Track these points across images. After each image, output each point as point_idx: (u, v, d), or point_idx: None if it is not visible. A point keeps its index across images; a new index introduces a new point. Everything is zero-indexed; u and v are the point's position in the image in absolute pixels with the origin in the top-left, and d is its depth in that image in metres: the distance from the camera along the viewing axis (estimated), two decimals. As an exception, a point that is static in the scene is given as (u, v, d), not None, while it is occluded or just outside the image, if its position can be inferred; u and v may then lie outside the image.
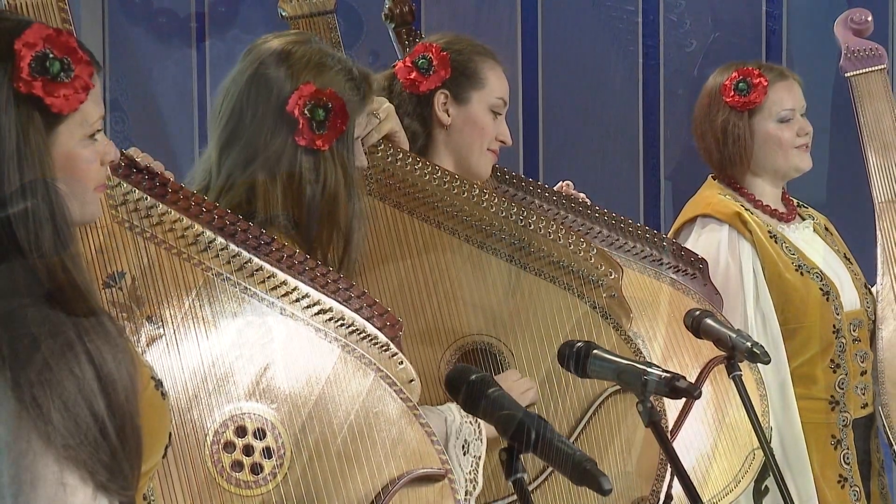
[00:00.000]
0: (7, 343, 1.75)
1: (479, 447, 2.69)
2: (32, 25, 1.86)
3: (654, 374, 2.49)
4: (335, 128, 2.56)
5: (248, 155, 2.57)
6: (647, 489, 2.92)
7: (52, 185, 1.85)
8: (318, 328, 2.35)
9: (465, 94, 3.14)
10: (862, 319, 3.72)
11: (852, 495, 3.65)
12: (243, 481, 2.26)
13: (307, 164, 2.56)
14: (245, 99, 2.59)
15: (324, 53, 2.62)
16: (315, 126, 2.55)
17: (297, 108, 2.54)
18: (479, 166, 3.15)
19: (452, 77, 3.12)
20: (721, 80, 3.73)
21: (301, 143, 2.55)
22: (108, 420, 1.78)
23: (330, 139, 2.56)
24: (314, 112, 2.55)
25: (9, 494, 1.75)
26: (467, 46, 3.17)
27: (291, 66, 2.58)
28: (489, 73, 3.16)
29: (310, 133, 2.54)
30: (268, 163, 2.56)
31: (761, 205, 3.73)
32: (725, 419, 3.26)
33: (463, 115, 3.14)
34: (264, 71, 2.59)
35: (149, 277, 2.28)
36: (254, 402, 2.29)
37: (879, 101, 3.86)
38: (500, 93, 3.16)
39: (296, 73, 2.57)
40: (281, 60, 2.59)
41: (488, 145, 3.15)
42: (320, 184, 2.57)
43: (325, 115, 2.55)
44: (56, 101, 1.85)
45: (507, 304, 2.91)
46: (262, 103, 2.58)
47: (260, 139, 2.57)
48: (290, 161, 2.56)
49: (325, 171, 2.57)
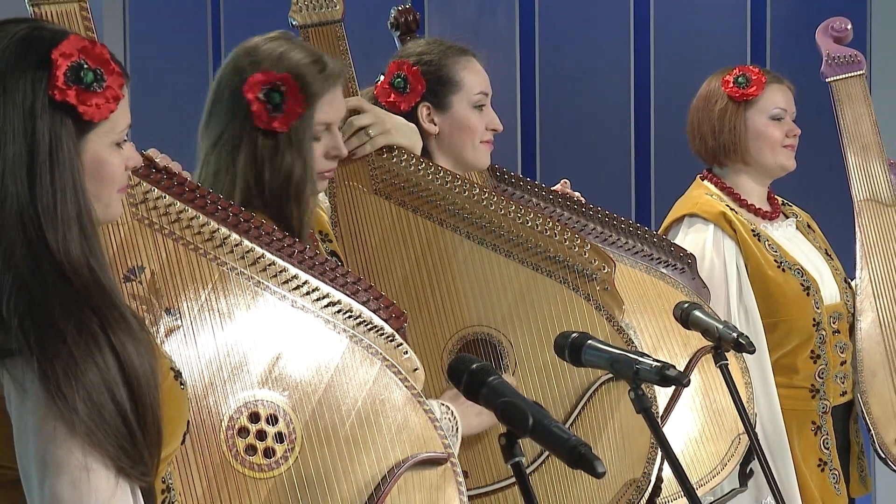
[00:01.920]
0: (35, 336, 1.75)
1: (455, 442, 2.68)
2: (69, 37, 1.86)
3: (645, 363, 2.49)
4: (291, 110, 2.56)
5: (215, 139, 2.59)
6: (639, 471, 2.92)
7: (81, 187, 1.85)
8: (328, 320, 2.35)
9: (445, 100, 3.12)
10: (842, 312, 3.72)
11: (831, 478, 3.65)
12: (256, 464, 2.26)
13: (265, 146, 2.57)
14: (217, 90, 2.62)
15: (293, 46, 2.62)
16: (271, 109, 2.55)
17: (251, 91, 2.55)
18: (476, 160, 3.15)
19: (429, 88, 3.10)
20: (722, 76, 3.74)
21: (259, 125, 2.56)
22: (129, 409, 1.78)
23: (287, 122, 2.56)
24: (270, 96, 2.55)
25: (36, 477, 1.76)
26: (436, 54, 3.13)
27: (256, 57, 2.60)
28: (463, 74, 3.13)
29: (266, 116, 2.55)
30: (227, 144, 2.57)
31: (746, 203, 3.74)
32: (712, 406, 3.26)
33: (448, 120, 3.13)
34: (235, 63, 2.61)
35: (167, 272, 2.28)
36: (266, 389, 2.29)
37: (858, 105, 3.86)
38: (478, 88, 3.14)
39: (258, 61, 2.59)
40: (248, 53, 2.61)
41: (480, 139, 3.14)
42: (277, 164, 2.57)
43: (280, 99, 2.55)
44: (88, 109, 1.85)
45: (505, 297, 2.91)
46: (226, 91, 2.59)
47: (223, 123, 2.59)
48: (251, 143, 2.57)
49: (282, 153, 2.57)
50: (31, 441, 1.76)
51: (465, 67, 3.14)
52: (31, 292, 1.78)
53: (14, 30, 1.87)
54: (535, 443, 2.01)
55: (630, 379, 2.50)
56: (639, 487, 2.92)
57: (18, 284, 1.78)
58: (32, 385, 1.75)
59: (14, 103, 1.82)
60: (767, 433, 3.51)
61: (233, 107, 2.58)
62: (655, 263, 3.34)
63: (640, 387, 2.50)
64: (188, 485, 2.22)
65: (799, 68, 4.24)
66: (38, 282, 1.79)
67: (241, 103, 2.57)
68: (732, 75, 3.73)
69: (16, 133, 1.81)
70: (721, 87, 3.74)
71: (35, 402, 1.75)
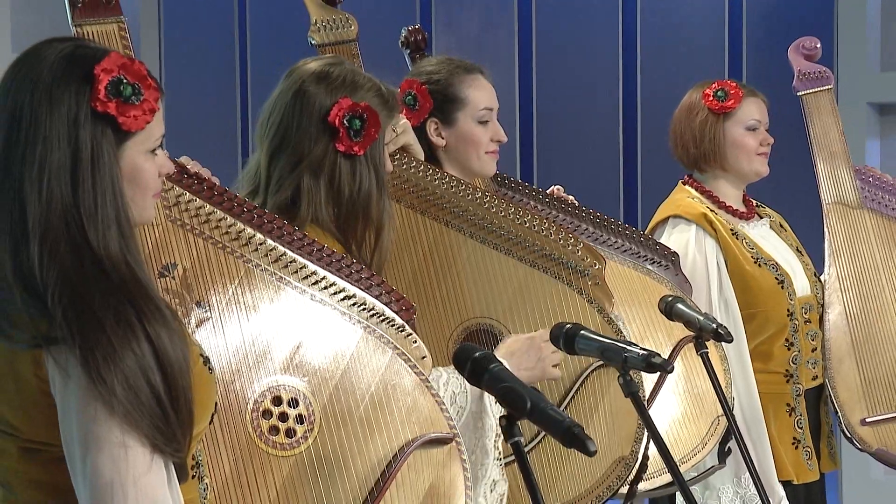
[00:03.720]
0: (77, 326, 1.75)
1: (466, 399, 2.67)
2: (110, 54, 1.86)
3: (632, 351, 2.49)
4: (369, 136, 2.56)
5: (295, 160, 2.58)
6: (627, 450, 2.92)
7: (120, 190, 1.85)
8: (344, 312, 2.35)
9: (452, 116, 3.10)
10: (812, 304, 3.71)
11: (804, 455, 3.65)
12: (279, 443, 2.26)
13: (346, 168, 2.57)
14: (290, 113, 2.59)
15: (356, 73, 2.63)
16: (352, 134, 2.55)
17: (337, 118, 2.55)
18: (482, 169, 3.13)
19: (436, 105, 3.09)
20: (703, 89, 3.74)
21: (340, 149, 2.56)
22: (163, 392, 1.78)
23: (365, 146, 2.57)
24: (351, 122, 2.55)
25: (79, 454, 1.76)
26: (444, 73, 3.11)
27: (330, 84, 2.58)
28: (468, 91, 3.10)
29: (348, 140, 2.55)
30: (311, 166, 2.56)
31: (725, 205, 3.73)
32: (694, 390, 3.26)
33: (454, 134, 3.11)
34: (306, 88, 2.58)
35: (197, 268, 2.28)
36: (288, 375, 2.29)
37: (827, 117, 3.86)
38: (483, 104, 3.12)
39: (334, 89, 2.58)
40: (320, 79, 2.59)
41: (485, 149, 3.12)
42: (357, 184, 2.58)
43: (360, 125, 2.55)
44: (127, 120, 1.85)
45: (506, 291, 2.91)
46: (305, 116, 2.57)
47: (304, 146, 2.57)
48: (331, 165, 2.57)
49: (360, 174, 2.58)
50: (73, 421, 1.76)
51: (471, 85, 3.12)
52: (73, 286, 1.78)
53: (60, 47, 1.87)
54: (532, 424, 2.01)
55: (619, 366, 2.50)
56: (627, 464, 2.91)
57: (62, 278, 1.78)
58: (75, 370, 1.75)
59: (59, 113, 1.82)
60: (745, 414, 3.51)
61: (315, 132, 2.57)
62: (642, 260, 3.33)
63: (628, 373, 2.50)
64: (216, 461, 2.22)
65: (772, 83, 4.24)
66: (80, 276, 1.79)
67: (323, 128, 2.56)
68: (712, 89, 3.72)
69: (61, 140, 1.81)
70: (702, 99, 3.73)
71: (77, 386, 1.75)
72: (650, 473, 3.00)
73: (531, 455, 2.86)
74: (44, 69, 1.84)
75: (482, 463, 2.63)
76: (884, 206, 3.81)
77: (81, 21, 2.21)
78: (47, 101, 1.82)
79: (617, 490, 2.92)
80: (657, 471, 3.05)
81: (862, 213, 3.81)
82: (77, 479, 1.76)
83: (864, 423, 3.69)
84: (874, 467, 5.23)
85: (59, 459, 1.79)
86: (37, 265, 1.79)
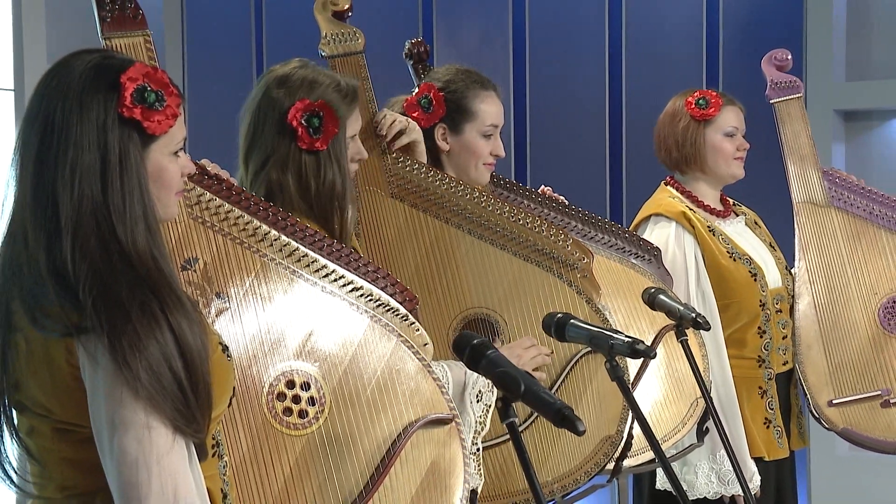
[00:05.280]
0: (105, 316, 1.75)
1: (490, 397, 2.68)
2: (135, 64, 1.86)
3: (618, 339, 2.49)
4: (328, 131, 2.55)
5: (263, 159, 2.57)
6: (613, 429, 2.91)
7: (146, 190, 1.85)
8: (352, 302, 2.34)
9: (460, 126, 3.09)
10: (783, 295, 3.71)
11: (775, 433, 3.64)
12: (292, 423, 2.25)
13: (310, 163, 2.56)
14: (257, 117, 2.59)
15: (317, 72, 2.61)
16: (312, 132, 2.54)
17: (294, 119, 2.54)
18: (477, 178, 3.11)
19: (448, 113, 3.07)
20: (685, 97, 3.73)
21: (303, 146, 2.55)
22: (184, 377, 1.77)
23: (326, 141, 2.55)
24: (310, 121, 2.54)
25: (106, 434, 1.76)
26: (461, 84, 3.10)
27: (289, 87, 2.58)
28: (479, 106, 3.09)
29: (308, 138, 2.54)
30: (277, 164, 2.56)
31: (703, 204, 3.73)
32: (674, 374, 3.25)
33: (459, 143, 3.10)
34: (269, 93, 2.58)
35: (217, 262, 2.27)
36: (301, 361, 2.28)
37: (797, 123, 3.85)
38: (490, 120, 3.10)
39: (292, 91, 2.57)
40: (281, 83, 2.58)
41: (483, 161, 3.11)
42: (321, 177, 2.56)
43: (318, 123, 2.54)
44: (151, 124, 1.84)
45: (501, 284, 2.90)
46: (269, 118, 2.57)
47: (269, 146, 2.56)
48: (296, 162, 2.56)
49: (324, 167, 2.56)
50: (102, 404, 1.75)
51: (484, 101, 3.10)
52: (102, 279, 1.77)
53: (88, 58, 1.87)
54: (526, 406, 2.00)
55: (606, 352, 2.50)
56: (613, 443, 2.91)
57: (92, 272, 1.78)
58: (103, 357, 1.74)
59: (89, 119, 1.81)
60: (721, 397, 3.50)
61: (276, 132, 2.56)
62: (627, 255, 3.32)
63: (614, 359, 2.50)
64: (234, 440, 2.21)
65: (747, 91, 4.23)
66: (109, 269, 1.78)
67: (284, 129, 2.55)
68: (694, 97, 3.72)
69: (90, 144, 1.81)
70: (684, 107, 3.72)
71: (105, 372, 1.74)
72: (634, 451, 3.00)
73: (525, 434, 2.86)
74: (74, 78, 1.83)
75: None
76: (849, 204, 3.80)
77: (110, 34, 2.20)
78: (78, 107, 1.81)
79: (604, 466, 2.92)
80: (641, 448, 3.05)
81: (829, 212, 3.80)
82: (105, 458, 1.76)
83: (830, 405, 3.69)
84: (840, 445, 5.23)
85: (89, 439, 1.78)
86: (69, 260, 1.78)
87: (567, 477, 2.89)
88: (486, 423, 2.67)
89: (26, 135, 1.85)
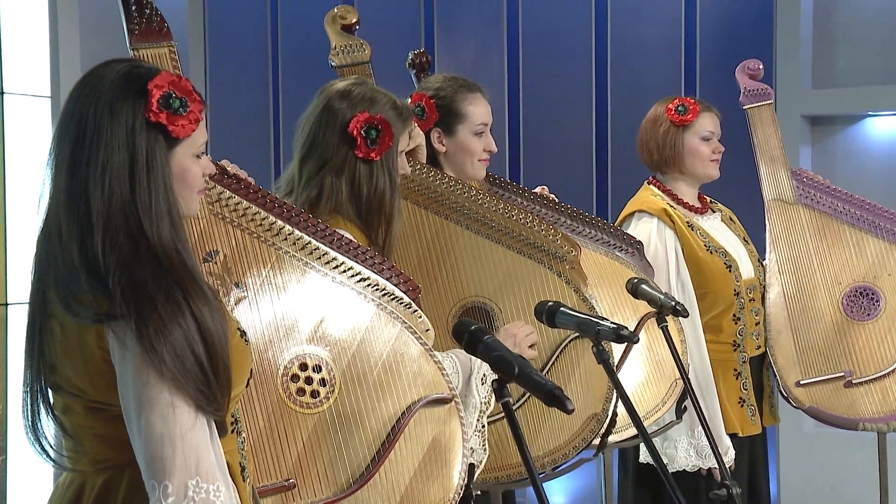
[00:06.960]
0: (133, 304, 1.75)
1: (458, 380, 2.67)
2: (161, 72, 1.86)
3: (604, 325, 2.48)
4: (384, 144, 2.56)
5: (320, 164, 2.58)
6: (599, 408, 2.91)
7: (171, 188, 1.84)
8: (359, 291, 2.34)
9: (453, 128, 3.09)
10: (756, 285, 3.71)
11: (749, 412, 3.64)
12: (305, 403, 2.25)
13: (364, 171, 2.57)
14: (317, 125, 2.60)
15: (375, 91, 2.63)
16: (369, 143, 2.55)
17: (355, 129, 2.54)
18: (475, 174, 3.12)
19: (441, 117, 3.07)
20: (666, 104, 3.73)
21: (359, 155, 2.55)
22: (205, 360, 1.77)
23: (380, 152, 2.56)
24: (368, 132, 2.55)
25: (134, 412, 1.75)
26: (450, 90, 3.09)
27: (351, 100, 2.59)
28: (469, 108, 3.08)
29: (366, 148, 2.55)
30: (333, 169, 2.57)
31: (682, 202, 3.72)
32: (655, 358, 3.25)
33: (454, 143, 3.10)
34: (331, 105, 2.59)
35: (236, 254, 2.27)
36: (313, 345, 2.28)
37: (768, 127, 3.85)
38: (480, 119, 3.10)
39: (354, 104, 2.58)
40: (343, 97, 2.59)
41: (478, 158, 3.11)
42: (373, 185, 2.57)
43: (376, 135, 2.55)
44: (176, 128, 1.84)
45: (496, 275, 2.90)
46: (329, 127, 2.58)
47: (328, 153, 2.57)
48: (351, 169, 2.57)
49: (376, 176, 2.58)
50: (130, 385, 1.75)
51: (472, 102, 3.10)
52: (130, 270, 1.77)
53: (118, 67, 1.86)
54: (519, 387, 2.00)
55: (592, 337, 2.49)
56: (599, 420, 2.91)
57: (121, 264, 1.77)
58: (131, 342, 1.74)
59: (119, 123, 1.81)
60: (699, 378, 3.50)
61: (336, 141, 2.57)
62: (612, 248, 3.32)
63: (601, 343, 2.50)
64: (252, 418, 2.21)
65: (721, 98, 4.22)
66: (136, 261, 1.78)
67: (344, 138, 2.56)
68: (674, 104, 3.71)
69: (120, 146, 1.81)
70: (665, 113, 3.72)
71: (133, 355, 1.74)
72: (619, 428, 2.99)
73: (518, 412, 2.85)
74: (105, 85, 1.83)
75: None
76: (816, 202, 3.80)
77: (138, 45, 2.20)
78: (108, 112, 1.81)
79: (590, 442, 2.92)
80: (624, 426, 3.05)
81: (797, 209, 3.80)
82: (133, 434, 1.76)
83: (798, 385, 3.69)
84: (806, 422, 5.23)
85: (118, 417, 1.78)
86: (100, 252, 1.78)
87: (557, 451, 2.89)
88: (490, 402, 2.67)
89: (60, 138, 1.84)
